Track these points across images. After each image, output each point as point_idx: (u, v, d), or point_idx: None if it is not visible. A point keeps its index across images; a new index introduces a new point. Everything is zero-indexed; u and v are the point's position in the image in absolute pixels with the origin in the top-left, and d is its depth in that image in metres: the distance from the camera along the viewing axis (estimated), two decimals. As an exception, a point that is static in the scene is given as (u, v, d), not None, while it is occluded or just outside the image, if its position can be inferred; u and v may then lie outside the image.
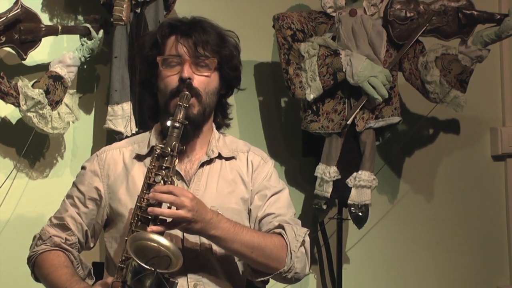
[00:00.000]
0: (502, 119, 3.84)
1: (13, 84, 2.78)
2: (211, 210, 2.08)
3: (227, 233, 2.08)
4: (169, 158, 2.06)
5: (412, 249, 3.67)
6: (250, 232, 2.14)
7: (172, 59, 2.19)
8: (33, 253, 2.23)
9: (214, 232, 2.07)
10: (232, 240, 2.09)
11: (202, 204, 2.06)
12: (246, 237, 2.11)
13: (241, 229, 2.12)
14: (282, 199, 2.27)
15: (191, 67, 2.17)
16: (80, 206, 2.24)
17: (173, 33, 2.20)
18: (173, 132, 2.07)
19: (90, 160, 2.30)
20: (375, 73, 3.08)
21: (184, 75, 2.15)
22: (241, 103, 3.34)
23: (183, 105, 2.09)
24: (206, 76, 2.18)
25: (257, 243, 2.11)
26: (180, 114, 2.08)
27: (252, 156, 2.30)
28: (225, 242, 2.10)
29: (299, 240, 2.17)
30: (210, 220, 2.05)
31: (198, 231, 2.07)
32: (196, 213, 2.02)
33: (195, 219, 2.02)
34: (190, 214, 2.01)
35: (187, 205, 2.00)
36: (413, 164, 3.68)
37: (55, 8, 3.03)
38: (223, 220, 2.09)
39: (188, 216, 2.01)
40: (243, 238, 2.10)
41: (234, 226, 2.10)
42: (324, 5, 3.20)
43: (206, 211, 2.06)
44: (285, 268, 2.15)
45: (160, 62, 2.20)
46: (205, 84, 2.18)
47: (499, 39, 3.21)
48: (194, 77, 2.16)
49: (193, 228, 2.04)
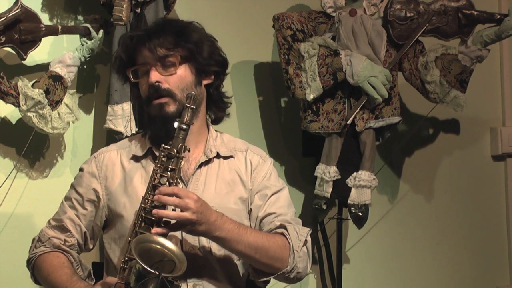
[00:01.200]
0: (502, 119, 3.84)
1: (13, 84, 2.78)
2: (215, 211, 2.08)
3: (232, 235, 2.08)
4: (175, 159, 2.05)
5: (412, 249, 3.66)
6: (254, 233, 2.14)
7: (140, 68, 2.21)
8: (33, 255, 2.23)
9: (219, 233, 2.06)
10: (237, 242, 2.09)
11: (207, 206, 2.06)
12: (250, 238, 2.11)
13: (245, 230, 2.12)
14: (282, 199, 2.27)
15: (158, 70, 2.17)
16: (78, 208, 2.24)
17: (134, 44, 2.20)
18: (179, 133, 2.06)
19: (88, 162, 2.30)
20: (375, 73, 3.08)
21: (150, 81, 2.16)
22: (241, 103, 3.34)
23: (190, 107, 2.08)
24: (173, 73, 2.17)
25: (261, 244, 2.11)
26: (187, 116, 2.07)
27: (251, 155, 2.30)
28: (229, 244, 2.09)
29: (302, 240, 2.18)
30: (214, 222, 2.05)
31: (203, 233, 2.06)
32: (200, 215, 2.01)
33: (200, 221, 2.02)
34: (195, 216, 2.00)
35: (192, 207, 2.00)
36: (413, 164, 3.68)
37: (55, 8, 3.03)
38: (227, 222, 2.09)
39: (192, 218, 2.00)
40: (247, 239, 2.10)
41: (238, 227, 2.10)
42: (324, 5, 3.20)
43: (210, 212, 2.05)
44: (288, 268, 2.15)
45: (130, 75, 2.22)
46: (177, 81, 2.17)
47: (499, 39, 3.21)
48: (164, 78, 2.16)
49: (197, 230, 2.04)
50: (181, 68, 2.19)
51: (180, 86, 2.18)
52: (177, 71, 2.18)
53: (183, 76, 2.19)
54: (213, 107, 2.30)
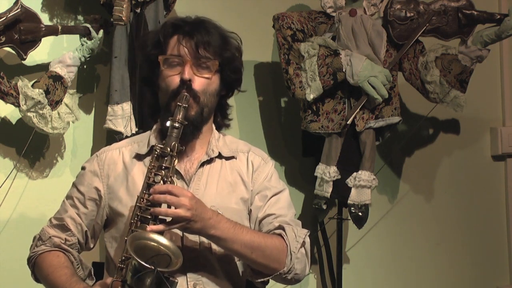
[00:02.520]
0: (502, 119, 3.84)
1: (13, 84, 2.79)
2: (211, 209, 2.08)
3: (227, 233, 2.08)
4: (169, 158, 2.06)
5: (412, 249, 3.66)
6: (250, 233, 2.14)
7: (174, 59, 2.19)
8: (33, 254, 2.23)
9: (214, 232, 2.07)
10: (232, 241, 2.09)
11: (202, 204, 2.06)
12: (246, 238, 2.11)
13: (241, 229, 2.12)
14: (282, 200, 2.27)
15: (192, 68, 2.17)
16: (79, 207, 2.24)
17: (176, 33, 2.20)
18: (172, 132, 2.08)
19: (90, 160, 2.30)
20: (375, 73, 3.08)
21: (185, 76, 2.15)
22: (241, 103, 3.34)
23: (182, 106, 2.09)
24: (207, 78, 2.18)
25: (257, 244, 2.12)
26: (179, 115, 2.08)
27: (252, 157, 2.30)
28: (225, 242, 2.10)
29: (299, 241, 2.17)
30: (209, 220, 2.05)
31: (198, 231, 2.07)
32: (195, 212, 2.02)
33: (194, 218, 2.02)
34: (189, 213, 2.01)
35: (186, 204, 2.01)
36: (413, 164, 3.68)
37: (55, 8, 3.03)
38: (223, 220, 2.09)
39: (187, 215, 2.01)
40: (243, 238, 2.10)
41: (234, 226, 2.10)
42: (324, 5, 3.20)
43: (205, 210, 2.06)
44: (285, 269, 2.15)
45: (161, 61, 2.20)
46: (205, 85, 2.18)
47: (499, 39, 3.21)
48: (195, 78, 2.17)
49: (192, 227, 2.04)
50: (214, 75, 2.20)
51: (207, 91, 2.18)
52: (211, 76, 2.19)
53: (212, 83, 2.20)
54: (219, 115, 2.31)
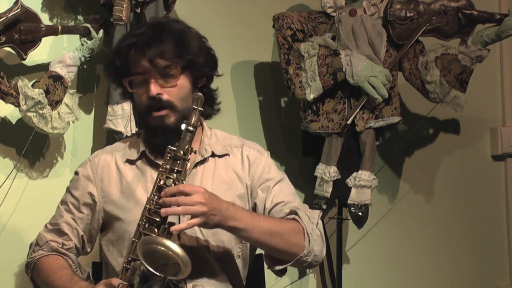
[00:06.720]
0: (502, 119, 3.84)
1: (13, 84, 2.78)
2: (226, 201, 2.07)
3: (246, 222, 2.08)
4: (181, 161, 2.05)
5: (412, 249, 3.66)
6: (267, 220, 2.14)
7: (137, 79, 2.17)
8: (31, 259, 2.23)
9: (234, 223, 2.06)
10: (252, 229, 2.09)
11: (216, 196, 2.05)
12: (264, 225, 2.11)
13: (257, 217, 2.12)
14: (286, 188, 2.28)
15: (158, 81, 2.14)
16: (74, 212, 2.24)
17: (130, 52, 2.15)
18: (186, 135, 2.06)
19: (83, 165, 2.30)
20: (375, 73, 3.08)
21: (151, 94, 2.14)
22: (241, 103, 3.34)
23: (198, 109, 2.08)
24: (174, 86, 2.16)
25: (275, 229, 2.11)
26: (194, 118, 2.06)
27: (247, 151, 2.30)
28: (245, 232, 2.09)
29: (314, 222, 2.18)
30: (227, 211, 2.05)
31: (218, 223, 2.05)
32: (211, 205, 2.01)
33: (212, 212, 2.01)
34: (206, 208, 2.00)
35: (201, 200, 1.99)
36: (413, 164, 3.68)
37: (55, 8, 3.03)
38: (240, 210, 2.09)
39: (203, 210, 2.00)
40: (261, 225, 2.10)
41: (251, 215, 2.11)
42: (324, 5, 3.20)
43: (221, 202, 2.05)
44: (305, 251, 2.14)
45: (127, 85, 2.19)
46: (176, 92, 2.16)
47: (499, 39, 3.21)
48: (164, 90, 2.14)
49: (212, 221, 2.03)
50: (181, 78, 2.17)
51: (180, 96, 2.17)
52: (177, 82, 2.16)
53: (182, 86, 2.18)
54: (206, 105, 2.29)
